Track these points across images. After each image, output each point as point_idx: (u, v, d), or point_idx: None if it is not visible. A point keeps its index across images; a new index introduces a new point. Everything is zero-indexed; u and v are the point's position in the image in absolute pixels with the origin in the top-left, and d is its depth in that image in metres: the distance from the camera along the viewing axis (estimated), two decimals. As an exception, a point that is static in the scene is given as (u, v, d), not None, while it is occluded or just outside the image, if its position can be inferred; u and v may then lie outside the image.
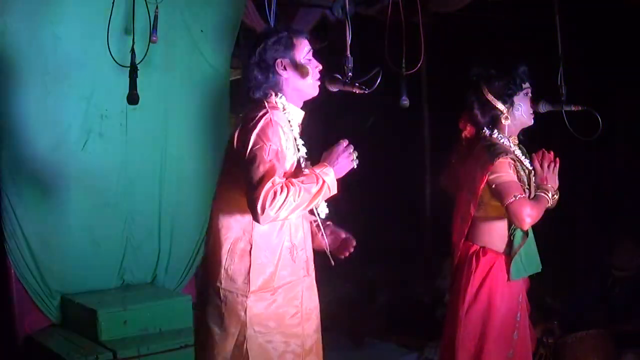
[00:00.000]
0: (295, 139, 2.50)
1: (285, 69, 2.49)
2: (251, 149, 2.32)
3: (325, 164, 2.47)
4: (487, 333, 2.89)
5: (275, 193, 2.25)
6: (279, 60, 2.47)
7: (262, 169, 2.28)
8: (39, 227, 4.35)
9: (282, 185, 2.28)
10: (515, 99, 2.93)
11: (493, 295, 2.89)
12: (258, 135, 2.33)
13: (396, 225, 8.72)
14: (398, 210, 8.70)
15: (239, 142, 2.39)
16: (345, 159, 2.50)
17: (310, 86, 2.57)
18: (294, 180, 2.34)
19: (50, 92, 4.33)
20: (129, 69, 3.42)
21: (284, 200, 2.26)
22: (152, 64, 4.28)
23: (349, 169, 2.53)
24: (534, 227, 2.96)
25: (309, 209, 2.43)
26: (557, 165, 2.89)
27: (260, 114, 2.38)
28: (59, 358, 3.92)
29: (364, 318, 5.80)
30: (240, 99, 2.59)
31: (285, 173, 2.38)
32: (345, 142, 2.55)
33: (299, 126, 2.58)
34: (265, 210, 2.24)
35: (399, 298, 6.01)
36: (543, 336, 4.11)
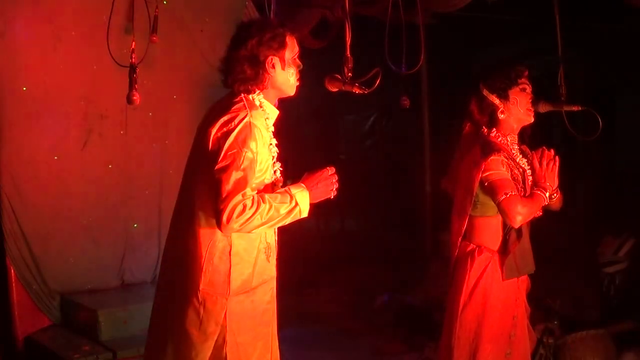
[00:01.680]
0: (270, 138, 2.46)
1: (273, 67, 2.43)
2: (225, 152, 2.26)
3: (303, 185, 2.42)
4: (483, 332, 2.89)
5: (244, 207, 2.22)
6: (270, 58, 2.41)
7: (233, 178, 2.23)
8: (39, 227, 4.35)
9: (252, 200, 2.25)
10: (510, 92, 2.93)
11: (488, 295, 2.89)
12: (235, 139, 2.27)
13: (396, 225, 8.73)
14: (398, 211, 8.71)
15: (215, 142, 2.31)
16: (326, 186, 2.45)
17: (291, 87, 2.53)
18: (265, 196, 2.31)
19: (50, 92, 4.34)
20: (129, 69, 3.42)
21: (251, 216, 2.23)
22: (152, 64, 4.29)
23: (326, 197, 2.48)
24: (532, 227, 2.97)
25: (275, 227, 2.40)
26: (557, 163, 2.89)
27: (240, 116, 2.33)
28: (59, 358, 3.92)
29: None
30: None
31: (259, 184, 2.37)
32: (331, 170, 2.49)
33: (272, 125, 2.52)
34: (230, 223, 2.21)
35: (398, 298, 6.02)
36: (543, 336, 4.10)
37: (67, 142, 4.45)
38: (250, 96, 2.43)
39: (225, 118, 2.33)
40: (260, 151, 2.35)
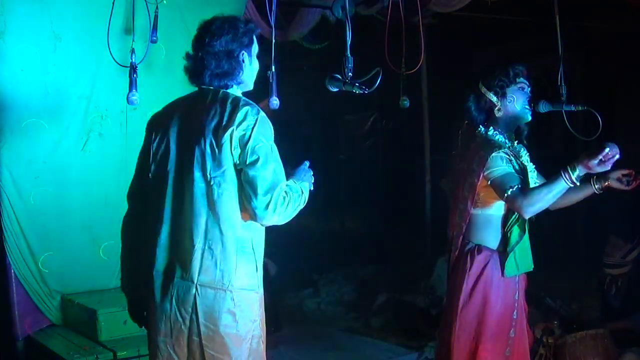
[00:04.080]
0: None
1: (243, 61, 2.49)
2: (254, 147, 2.30)
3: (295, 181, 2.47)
4: (483, 331, 2.89)
5: (284, 197, 2.31)
6: (243, 52, 2.48)
7: (271, 170, 2.30)
8: (39, 227, 4.35)
9: (286, 190, 2.34)
10: (508, 91, 2.94)
11: (488, 294, 2.89)
12: (260, 132, 2.32)
13: (396, 225, 8.72)
14: (398, 211, 8.70)
15: (235, 139, 2.32)
16: (308, 179, 2.54)
17: (252, 81, 2.60)
18: (292, 186, 2.39)
19: (50, 92, 4.34)
20: (129, 69, 3.41)
21: (289, 204, 2.33)
22: (152, 64, 4.28)
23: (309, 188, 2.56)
24: (531, 226, 2.97)
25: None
26: (607, 156, 2.62)
27: (254, 110, 2.36)
28: (59, 358, 3.92)
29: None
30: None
31: None
32: (307, 163, 2.58)
33: None
34: (276, 212, 2.29)
35: (399, 298, 6.02)
36: (543, 336, 4.11)
37: (67, 142, 4.45)
38: (231, 90, 2.46)
39: (239, 114, 2.33)
40: None
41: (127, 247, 2.62)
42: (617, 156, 2.65)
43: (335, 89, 2.68)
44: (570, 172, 2.65)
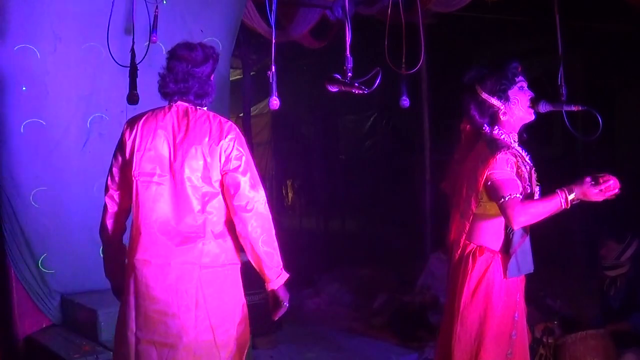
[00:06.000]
0: None
1: (214, 83, 2.85)
2: (237, 156, 2.71)
3: None
4: (485, 332, 2.88)
5: (264, 197, 2.76)
6: (213, 75, 2.85)
7: (250, 175, 2.72)
8: (39, 227, 4.35)
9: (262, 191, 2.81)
10: (510, 93, 2.92)
11: (490, 295, 2.88)
12: (240, 144, 2.73)
13: (396, 225, 8.73)
14: (398, 211, 8.71)
15: (226, 148, 2.70)
16: None
17: None
18: None
19: (50, 92, 4.34)
20: (129, 69, 3.42)
21: (265, 203, 2.80)
22: (152, 64, 4.28)
23: None
24: (532, 227, 2.96)
25: None
26: (608, 189, 2.69)
27: (233, 125, 2.78)
28: (59, 358, 3.92)
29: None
30: (244, 100, 2.62)
31: None
32: None
33: None
34: (255, 209, 2.74)
35: (399, 298, 6.02)
36: (543, 336, 4.10)
37: (67, 142, 4.45)
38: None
39: (224, 128, 2.73)
40: None
41: (112, 242, 3.02)
42: (617, 191, 2.67)
43: (335, 89, 2.68)
44: (567, 194, 2.69)
